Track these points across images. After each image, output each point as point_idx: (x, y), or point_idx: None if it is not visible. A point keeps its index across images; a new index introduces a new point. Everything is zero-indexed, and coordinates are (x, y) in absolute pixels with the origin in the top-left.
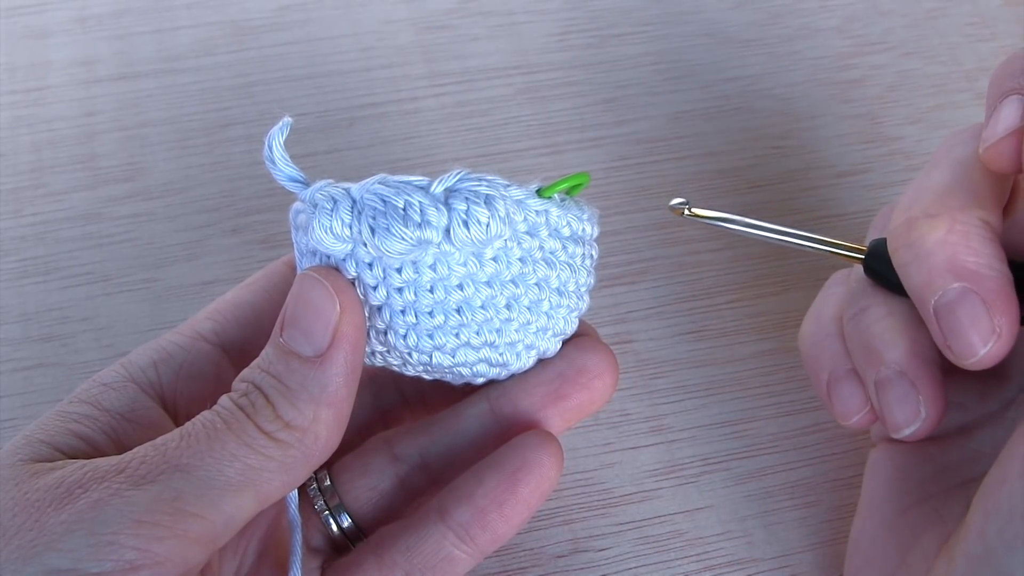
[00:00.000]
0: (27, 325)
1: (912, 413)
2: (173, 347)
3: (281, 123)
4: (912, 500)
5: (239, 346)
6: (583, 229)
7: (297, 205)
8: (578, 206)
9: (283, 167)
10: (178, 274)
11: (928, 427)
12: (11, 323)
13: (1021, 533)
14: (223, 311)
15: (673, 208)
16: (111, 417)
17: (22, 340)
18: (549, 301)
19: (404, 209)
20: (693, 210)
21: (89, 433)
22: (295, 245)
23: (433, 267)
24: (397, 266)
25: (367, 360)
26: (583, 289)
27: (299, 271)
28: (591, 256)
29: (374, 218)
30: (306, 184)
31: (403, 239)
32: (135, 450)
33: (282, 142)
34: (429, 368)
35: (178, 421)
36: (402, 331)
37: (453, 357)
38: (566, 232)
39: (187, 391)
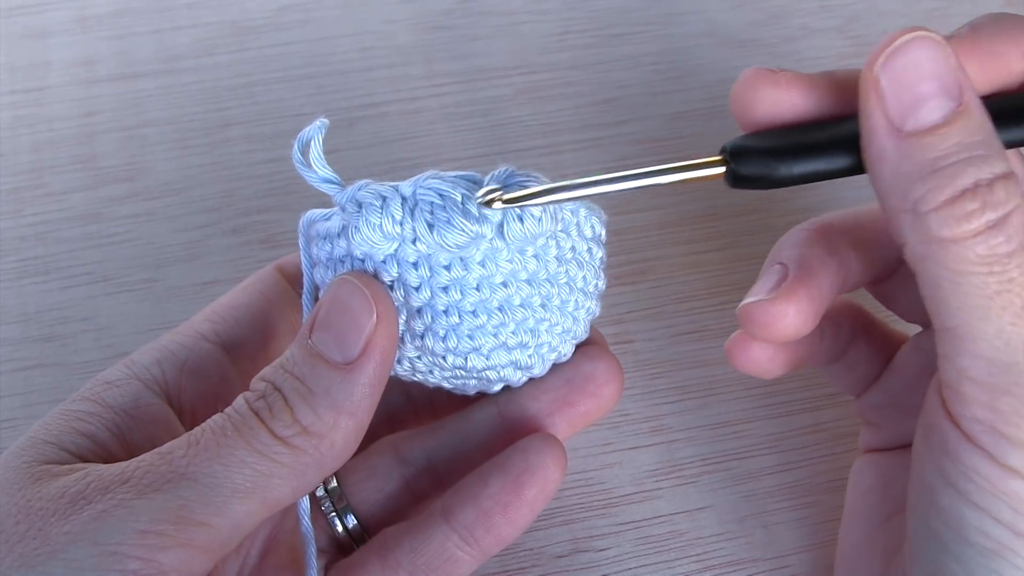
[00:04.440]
0: (27, 325)
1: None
2: (175, 346)
3: (318, 123)
4: (896, 508)
5: (239, 346)
6: (601, 233)
7: (311, 214)
8: (595, 208)
9: (319, 168)
10: (178, 274)
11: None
12: (11, 323)
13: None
14: (221, 313)
15: (481, 202)
16: (115, 413)
17: (22, 340)
18: (576, 301)
19: (462, 203)
20: (505, 197)
21: (93, 431)
22: (304, 257)
23: (483, 263)
24: (446, 263)
25: (391, 370)
26: (598, 292)
27: (306, 283)
28: (603, 260)
29: (431, 212)
30: (341, 186)
31: (463, 231)
32: (141, 457)
33: (320, 144)
34: (462, 371)
35: (183, 417)
36: (442, 332)
37: (488, 359)
38: (588, 233)
39: (191, 387)
